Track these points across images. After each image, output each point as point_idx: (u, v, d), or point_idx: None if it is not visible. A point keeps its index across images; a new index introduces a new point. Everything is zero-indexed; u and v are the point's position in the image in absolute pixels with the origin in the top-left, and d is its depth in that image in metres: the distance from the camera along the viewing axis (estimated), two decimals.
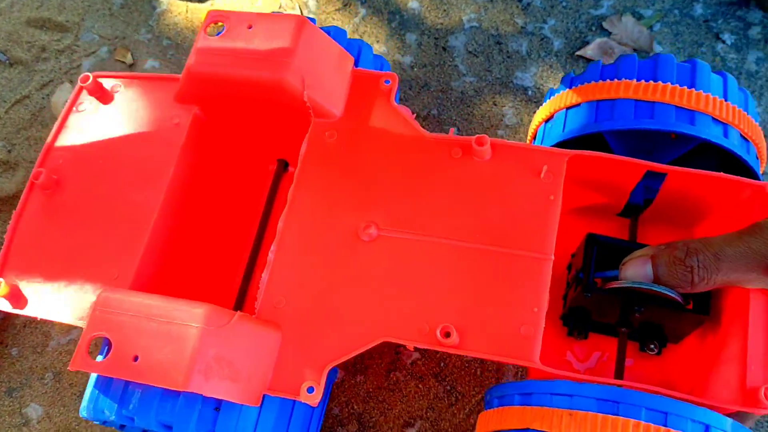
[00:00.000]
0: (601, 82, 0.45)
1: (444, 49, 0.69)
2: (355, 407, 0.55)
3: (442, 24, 0.69)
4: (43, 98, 0.69)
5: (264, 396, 0.40)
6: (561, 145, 0.46)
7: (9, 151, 0.67)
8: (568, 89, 0.47)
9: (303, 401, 0.40)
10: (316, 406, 0.40)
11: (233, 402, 0.39)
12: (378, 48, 0.69)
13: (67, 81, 0.70)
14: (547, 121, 0.48)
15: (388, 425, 0.55)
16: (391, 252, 0.42)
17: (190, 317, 0.38)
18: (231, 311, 0.40)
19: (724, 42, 0.67)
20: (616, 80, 0.44)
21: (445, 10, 0.70)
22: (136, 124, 0.48)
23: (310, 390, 0.40)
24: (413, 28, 0.70)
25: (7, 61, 0.71)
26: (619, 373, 0.44)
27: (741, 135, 0.44)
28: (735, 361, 0.40)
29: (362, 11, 0.70)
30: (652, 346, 0.46)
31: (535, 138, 0.51)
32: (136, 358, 0.38)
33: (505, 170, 0.43)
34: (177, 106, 0.48)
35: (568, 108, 0.46)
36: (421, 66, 0.68)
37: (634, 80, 0.44)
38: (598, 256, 0.43)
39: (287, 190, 0.53)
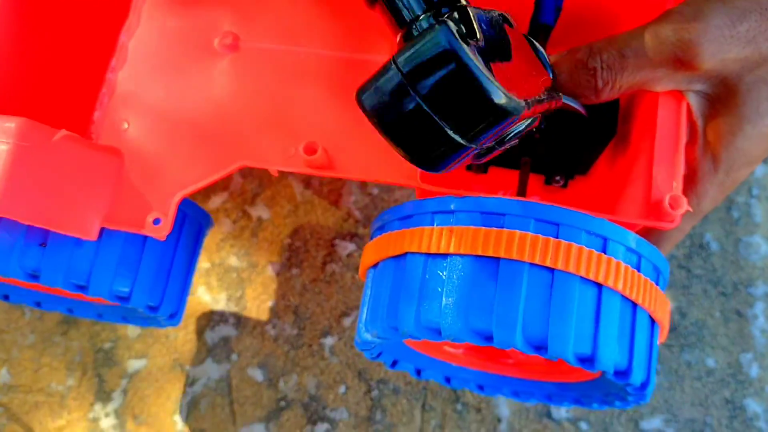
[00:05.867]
0: None
1: None
2: (291, 299, 0.51)
3: None
4: None
5: (104, 231, 0.35)
6: None
7: None
8: None
9: (148, 234, 0.34)
10: (163, 239, 0.34)
11: (63, 234, 0.33)
12: None
13: None
14: None
15: (324, 316, 0.51)
16: (253, 66, 0.36)
17: (1, 132, 0.32)
18: (55, 129, 0.34)
19: None
20: None
21: None
22: None
23: (157, 222, 0.34)
24: None
25: None
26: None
27: None
28: (642, 176, 0.35)
29: None
30: (558, 178, 0.41)
31: None
32: None
33: None
34: None
35: None
36: None
37: None
38: None
39: None
